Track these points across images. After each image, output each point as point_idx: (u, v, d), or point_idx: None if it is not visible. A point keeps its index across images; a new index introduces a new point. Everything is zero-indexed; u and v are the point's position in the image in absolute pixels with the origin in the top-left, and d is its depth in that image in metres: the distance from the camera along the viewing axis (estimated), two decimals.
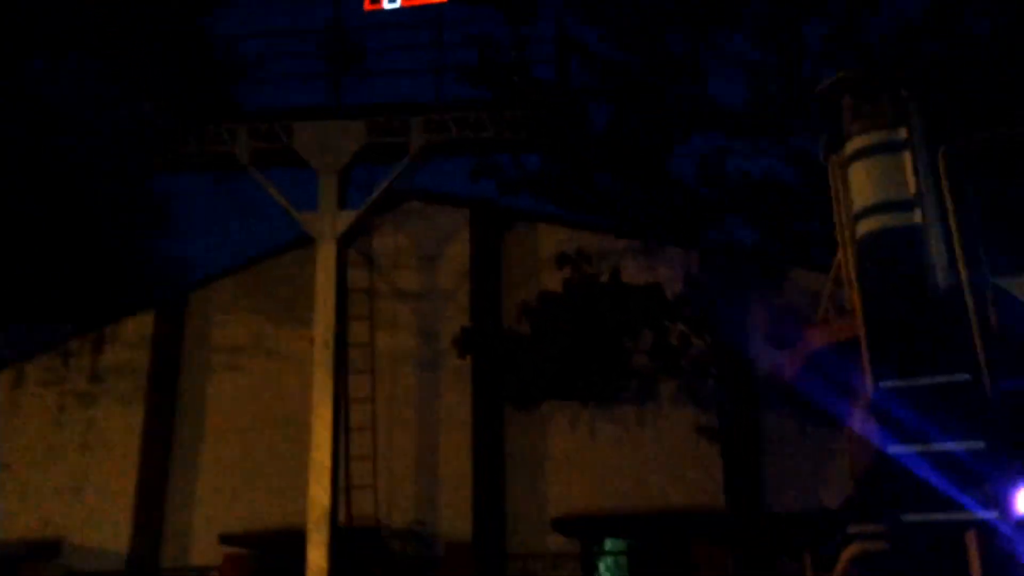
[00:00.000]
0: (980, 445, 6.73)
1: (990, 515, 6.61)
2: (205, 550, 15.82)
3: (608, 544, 15.01)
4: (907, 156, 8.00)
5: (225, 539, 15.44)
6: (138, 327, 17.96)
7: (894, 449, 6.96)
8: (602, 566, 14.73)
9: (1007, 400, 6.74)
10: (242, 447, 16.63)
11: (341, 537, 13.46)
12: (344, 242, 14.94)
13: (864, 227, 8.13)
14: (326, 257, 14.64)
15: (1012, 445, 6.65)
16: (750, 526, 13.39)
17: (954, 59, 8.27)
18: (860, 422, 8.41)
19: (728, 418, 14.38)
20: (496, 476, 15.31)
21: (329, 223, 14.79)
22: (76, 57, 16.99)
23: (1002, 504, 6.59)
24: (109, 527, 16.47)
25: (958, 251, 7.33)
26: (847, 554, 7.46)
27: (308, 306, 15.17)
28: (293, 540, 13.56)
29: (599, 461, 15.04)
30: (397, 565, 14.90)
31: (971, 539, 6.67)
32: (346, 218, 14.86)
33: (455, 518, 15.16)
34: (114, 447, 17.07)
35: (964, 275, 7.24)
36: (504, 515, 15.09)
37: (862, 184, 8.27)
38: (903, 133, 8.07)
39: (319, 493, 13.28)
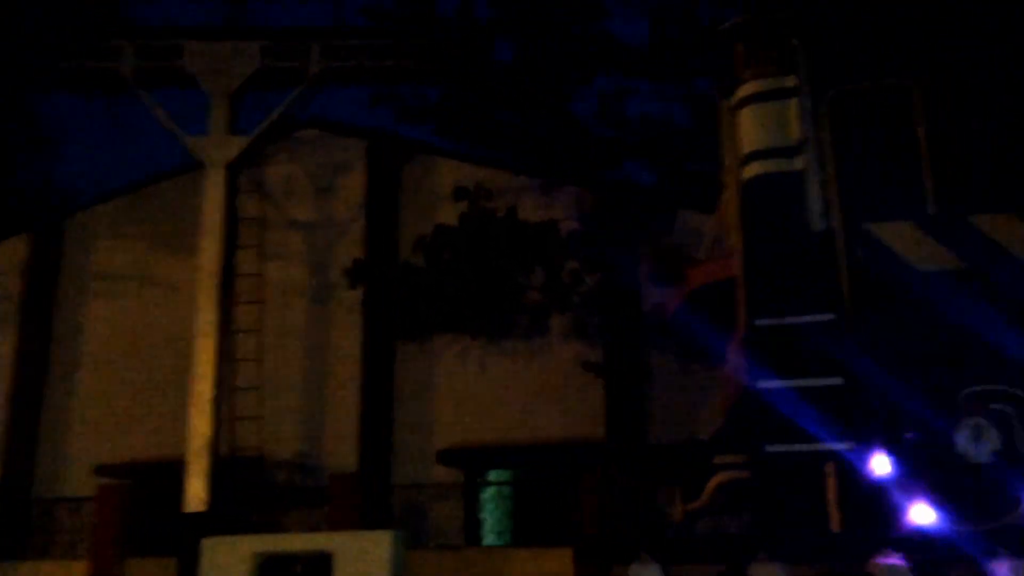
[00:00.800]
0: (839, 382, 7.10)
1: (846, 447, 7.00)
2: (80, 480, 15.42)
3: (492, 475, 15.32)
4: (794, 103, 8.17)
5: (101, 469, 15.08)
6: (11, 253, 17.17)
7: (762, 384, 7.27)
8: (485, 496, 15.04)
9: (867, 339, 7.10)
10: (121, 377, 16.21)
11: (223, 468, 13.33)
12: (234, 169, 14.49)
13: (749, 171, 8.31)
14: (214, 184, 14.18)
15: (869, 381, 7.02)
16: (630, 458, 13.85)
17: (842, 8, 8.45)
18: (734, 358, 8.73)
19: (614, 354, 14.74)
20: (384, 408, 15.36)
21: (219, 148, 14.30)
22: None
23: (856, 436, 6.98)
24: None
25: (833, 197, 7.59)
26: (713, 482, 7.81)
27: (194, 234, 14.71)
28: (172, 471, 13.35)
29: (488, 394, 15.25)
30: (281, 495, 14.87)
31: (829, 469, 7.06)
32: (237, 144, 14.39)
33: (341, 450, 15.21)
34: None
35: (837, 220, 7.50)
36: (391, 447, 15.19)
37: (750, 129, 8.42)
38: (791, 81, 8.23)
39: (200, 423, 13.08)
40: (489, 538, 14.74)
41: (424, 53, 14.93)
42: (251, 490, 14.65)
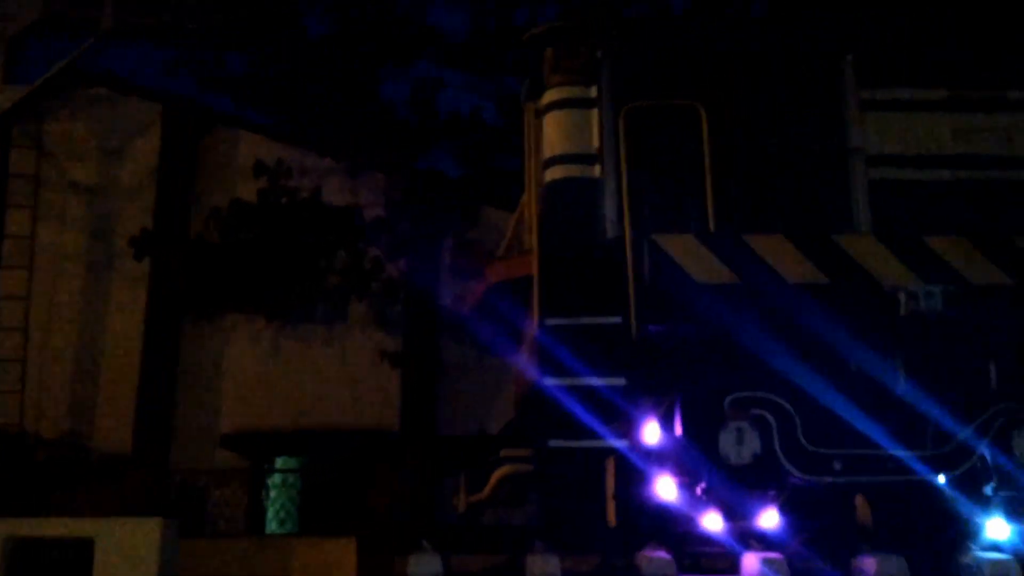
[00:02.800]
0: (621, 382, 7.46)
1: (624, 444, 7.38)
2: None
3: (280, 462, 14.95)
4: (595, 113, 8.46)
5: None
6: None
7: (548, 381, 7.51)
8: (271, 483, 14.66)
9: (649, 343, 7.50)
10: None
11: None
12: (7, 120, 13.35)
13: (550, 175, 8.53)
14: None
15: (648, 383, 7.44)
16: (421, 448, 13.95)
17: (647, 26, 8.84)
18: (524, 355, 8.98)
19: (411, 344, 14.77)
20: (166, 388, 14.62)
21: None
22: None
23: (634, 434, 7.39)
24: None
25: (625, 207, 7.93)
26: (497, 474, 8.02)
27: None
28: None
29: (280, 379, 14.86)
30: (44, 476, 13.83)
31: (609, 464, 7.42)
32: (12, 94, 13.28)
33: (115, 429, 14.35)
34: None
35: (627, 229, 7.85)
36: (171, 429, 14.49)
37: (553, 134, 8.63)
38: (594, 91, 8.51)
39: None
40: (272, 526, 14.39)
41: (230, 16, 14.31)
42: (8, 469, 13.54)
